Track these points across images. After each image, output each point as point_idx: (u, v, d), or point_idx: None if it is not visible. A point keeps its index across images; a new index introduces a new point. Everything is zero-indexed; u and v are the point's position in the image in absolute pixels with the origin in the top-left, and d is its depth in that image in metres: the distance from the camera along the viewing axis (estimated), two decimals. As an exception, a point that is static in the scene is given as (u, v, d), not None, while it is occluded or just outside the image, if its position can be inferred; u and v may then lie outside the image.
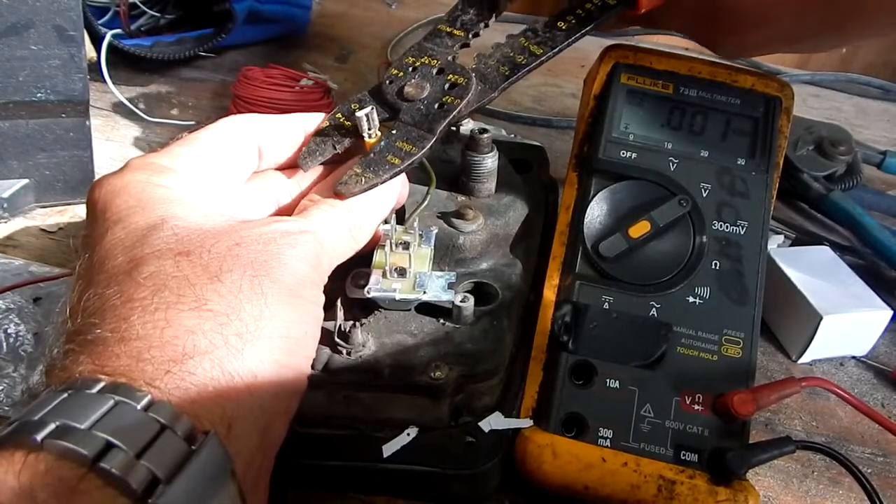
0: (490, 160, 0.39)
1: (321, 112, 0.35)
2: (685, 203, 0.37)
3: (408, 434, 0.30)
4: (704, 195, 0.38)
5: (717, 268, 0.36)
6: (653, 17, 0.37)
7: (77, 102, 0.47)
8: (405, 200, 0.37)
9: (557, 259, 0.37)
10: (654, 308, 0.35)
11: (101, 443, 0.20)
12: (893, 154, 0.57)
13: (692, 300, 0.36)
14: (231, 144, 0.32)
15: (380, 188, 0.32)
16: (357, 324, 0.33)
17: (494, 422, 0.31)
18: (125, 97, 0.60)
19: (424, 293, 0.34)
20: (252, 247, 0.26)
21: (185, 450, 0.21)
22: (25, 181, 0.48)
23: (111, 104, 0.61)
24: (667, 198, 0.37)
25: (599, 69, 0.41)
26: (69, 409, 0.20)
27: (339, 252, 0.31)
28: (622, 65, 0.40)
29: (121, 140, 0.58)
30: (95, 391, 0.21)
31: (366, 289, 0.34)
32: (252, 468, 0.24)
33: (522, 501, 0.34)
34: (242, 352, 0.24)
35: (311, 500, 0.33)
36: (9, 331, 0.38)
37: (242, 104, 0.56)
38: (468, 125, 0.42)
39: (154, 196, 0.28)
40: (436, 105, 0.34)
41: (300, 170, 0.33)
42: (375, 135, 0.33)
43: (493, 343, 0.34)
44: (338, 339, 0.33)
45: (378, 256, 0.35)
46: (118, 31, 0.64)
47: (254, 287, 0.25)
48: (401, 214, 0.37)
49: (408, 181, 0.36)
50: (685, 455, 0.32)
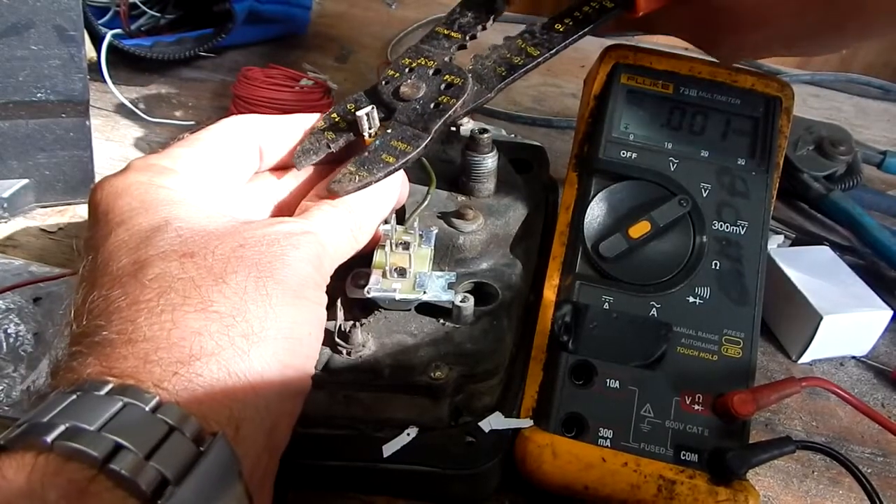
0: (490, 160, 0.39)
1: (322, 112, 0.35)
2: (685, 203, 0.37)
3: (408, 434, 0.30)
4: (704, 195, 0.38)
5: (718, 268, 0.36)
6: (651, 21, 0.37)
7: (77, 102, 0.47)
8: (405, 200, 0.37)
9: (557, 259, 0.38)
10: (654, 308, 0.35)
11: (111, 444, 0.20)
12: (893, 154, 0.57)
13: (692, 300, 0.36)
14: (232, 145, 0.31)
15: (380, 188, 0.32)
16: (357, 324, 0.33)
17: (494, 422, 0.31)
18: (125, 97, 0.60)
19: (424, 293, 0.34)
20: (256, 248, 0.26)
21: (194, 451, 0.21)
22: (25, 181, 0.48)
23: (111, 104, 0.61)
24: (667, 198, 0.37)
25: (599, 69, 0.41)
26: (78, 411, 0.21)
27: (341, 252, 0.31)
28: (622, 65, 0.40)
29: (121, 140, 0.58)
30: (104, 393, 0.21)
31: (366, 289, 0.34)
32: (258, 469, 0.24)
33: (522, 501, 0.34)
34: (248, 353, 0.24)
35: (312, 500, 0.33)
36: (9, 331, 0.38)
37: (242, 104, 0.56)
38: (468, 125, 0.42)
39: (157, 198, 0.28)
40: (431, 105, 0.34)
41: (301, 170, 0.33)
42: (376, 133, 0.33)
43: (493, 343, 0.34)
44: (338, 339, 0.33)
45: (378, 256, 0.35)
46: (118, 31, 0.64)
47: (258, 288, 0.25)
48: (401, 214, 0.37)
49: (408, 181, 0.36)
50: (685, 455, 0.32)
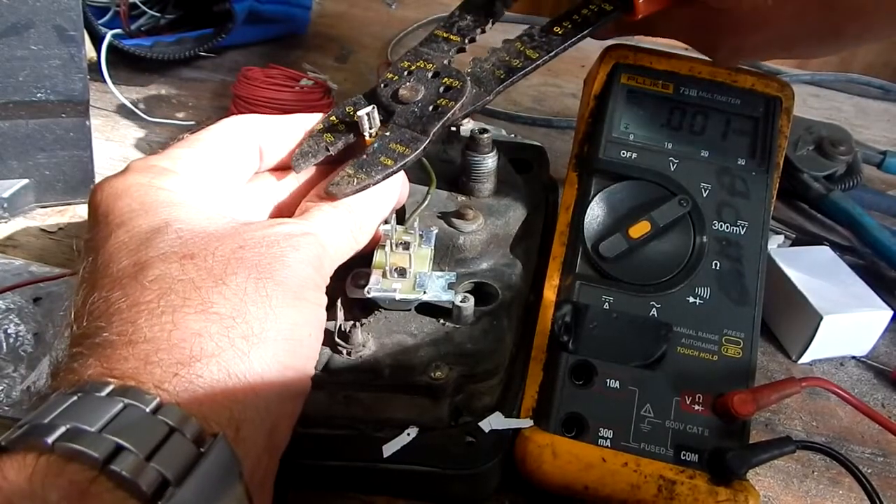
0: (490, 160, 0.39)
1: (322, 112, 0.35)
2: (685, 203, 0.37)
3: (408, 434, 0.30)
4: (704, 195, 0.38)
5: (718, 268, 0.36)
6: (650, 24, 0.37)
7: (77, 102, 0.47)
8: (405, 200, 0.37)
9: (557, 259, 0.38)
10: (655, 308, 0.35)
11: (112, 445, 0.20)
12: (893, 154, 0.57)
13: (692, 300, 0.36)
14: (232, 145, 0.31)
15: (380, 189, 0.32)
16: (357, 324, 0.33)
17: (494, 422, 0.31)
18: (125, 97, 0.60)
19: (424, 293, 0.34)
20: (255, 249, 0.26)
21: (194, 452, 0.21)
22: (25, 181, 0.48)
23: (111, 104, 0.61)
24: (667, 198, 0.37)
25: (599, 69, 0.41)
26: (79, 412, 0.21)
27: (341, 253, 0.31)
28: (622, 65, 0.40)
29: (121, 140, 0.58)
30: (104, 394, 0.21)
31: (366, 289, 0.34)
32: (259, 470, 0.24)
33: (522, 501, 0.34)
34: (249, 354, 0.24)
35: (312, 500, 0.33)
36: (9, 331, 0.38)
37: (242, 104, 0.56)
38: (468, 125, 0.42)
39: (156, 199, 0.28)
40: (430, 107, 0.34)
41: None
42: (376, 134, 0.33)
43: (493, 343, 0.34)
44: (338, 339, 0.33)
45: (378, 256, 0.35)
46: (118, 31, 0.64)
47: (258, 290, 0.25)
48: (401, 214, 0.37)
49: (408, 181, 0.36)
50: (685, 455, 0.32)
